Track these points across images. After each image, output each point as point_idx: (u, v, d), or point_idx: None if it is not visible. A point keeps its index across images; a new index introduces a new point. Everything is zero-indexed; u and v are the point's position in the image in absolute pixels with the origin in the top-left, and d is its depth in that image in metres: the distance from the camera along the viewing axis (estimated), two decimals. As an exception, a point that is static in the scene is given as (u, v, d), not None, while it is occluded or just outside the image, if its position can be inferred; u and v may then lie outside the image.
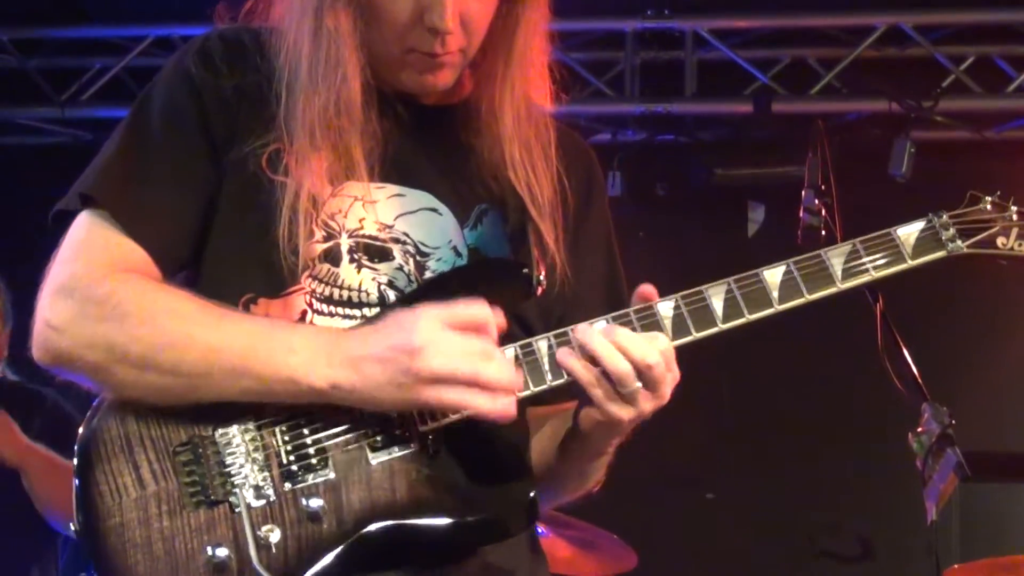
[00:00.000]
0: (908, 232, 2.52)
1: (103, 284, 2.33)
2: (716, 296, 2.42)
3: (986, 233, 2.56)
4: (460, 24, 2.43)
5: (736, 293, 2.42)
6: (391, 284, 2.47)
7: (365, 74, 2.45)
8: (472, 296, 2.35)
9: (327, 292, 2.45)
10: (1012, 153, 7.22)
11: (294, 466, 2.32)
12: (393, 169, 2.51)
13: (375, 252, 2.48)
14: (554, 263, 2.54)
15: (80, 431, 2.35)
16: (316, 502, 2.30)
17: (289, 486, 2.31)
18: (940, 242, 2.53)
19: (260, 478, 2.31)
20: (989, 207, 2.58)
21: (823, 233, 4.12)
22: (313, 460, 2.32)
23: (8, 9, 7.42)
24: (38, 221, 2.51)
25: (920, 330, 4.16)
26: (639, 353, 2.29)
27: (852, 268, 2.48)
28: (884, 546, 7.39)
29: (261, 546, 2.28)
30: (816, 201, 4.23)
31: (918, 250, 2.51)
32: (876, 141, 6.98)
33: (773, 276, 2.44)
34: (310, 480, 2.31)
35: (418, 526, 2.33)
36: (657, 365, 2.29)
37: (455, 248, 2.53)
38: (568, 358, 2.33)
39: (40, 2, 7.41)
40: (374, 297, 2.46)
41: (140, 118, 2.49)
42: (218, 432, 2.32)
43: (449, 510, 2.34)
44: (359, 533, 2.30)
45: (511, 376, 2.30)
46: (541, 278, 2.49)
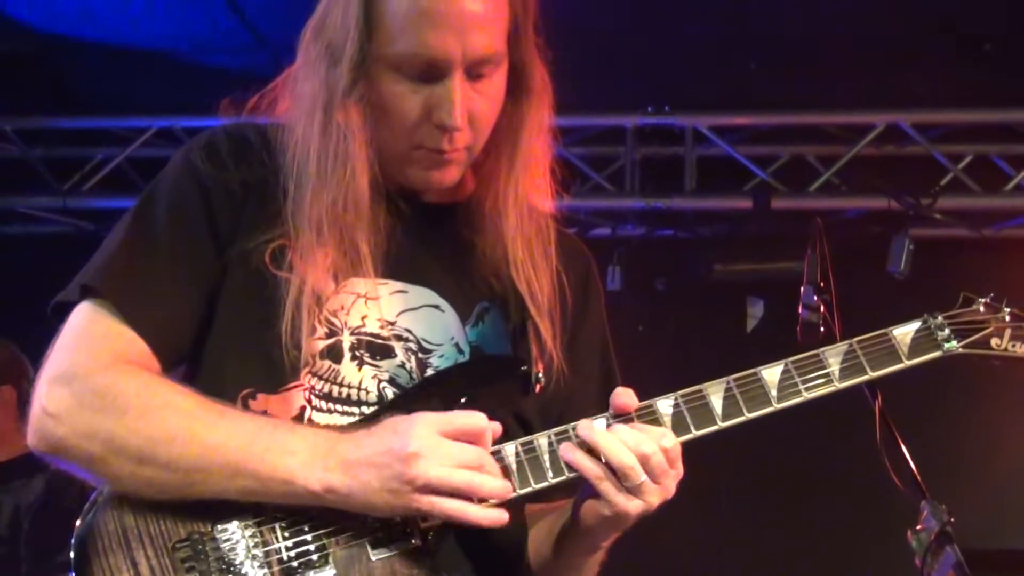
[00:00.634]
0: (904, 332, 2.56)
1: (104, 375, 2.33)
2: (715, 394, 2.44)
3: (980, 334, 2.61)
4: (467, 122, 2.46)
5: (735, 391, 2.45)
6: (392, 381, 2.48)
7: (373, 170, 2.47)
8: (471, 392, 2.37)
9: (327, 389, 2.45)
10: (1010, 251, 7.25)
11: (294, 563, 2.31)
12: (397, 266, 2.52)
13: (377, 349, 2.49)
14: (552, 360, 2.55)
15: (77, 524, 2.33)
16: (317, 599, 2.29)
17: (290, 583, 2.30)
18: (936, 342, 2.57)
19: (260, 575, 2.29)
20: (982, 308, 2.63)
21: (822, 329, 4.12)
22: (314, 557, 2.31)
23: (11, 99, 7.51)
24: (38, 310, 2.51)
25: (919, 427, 4.15)
26: (638, 445, 2.31)
27: (849, 368, 2.51)
28: (885, 644, 7.31)
29: (262, 642, 2.27)
30: (815, 298, 4.23)
31: (914, 350, 2.55)
32: (875, 238, 7.01)
33: (772, 375, 2.47)
34: (311, 577, 2.31)
35: (420, 622, 2.32)
36: (654, 454, 2.31)
37: (457, 345, 2.54)
38: (573, 453, 2.34)
39: (43, 92, 7.48)
40: (373, 396, 2.46)
41: (145, 212, 2.50)
42: (217, 528, 2.31)
43: (450, 606, 2.34)
44: (360, 629, 2.30)
45: (503, 486, 2.31)
46: (540, 375, 2.51)
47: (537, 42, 2.57)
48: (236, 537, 2.31)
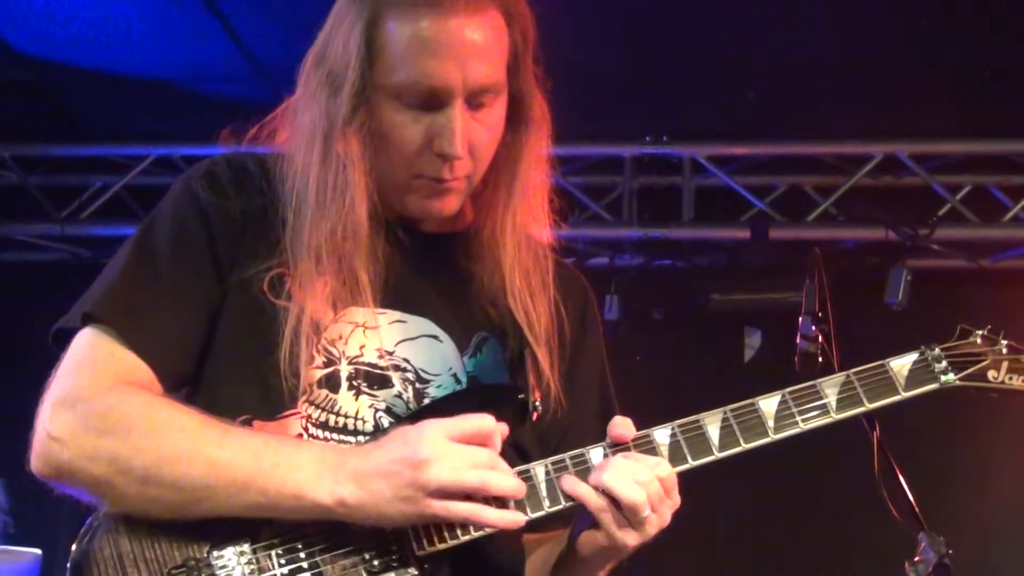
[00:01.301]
0: (901, 364, 2.57)
1: (107, 397, 2.34)
2: (712, 425, 2.45)
3: (977, 366, 2.63)
4: (468, 150, 2.46)
5: (732, 422, 2.46)
6: (389, 411, 2.48)
7: (372, 199, 2.48)
8: None
9: (323, 418, 2.46)
10: (1008, 282, 7.25)
11: (290, 589, 2.30)
12: (395, 295, 2.53)
13: (375, 379, 2.49)
14: (549, 389, 2.56)
15: (73, 551, 2.33)
16: (311, 626, 2.29)
17: (284, 610, 2.30)
18: (933, 374, 2.58)
19: None
20: (979, 340, 2.65)
21: (820, 359, 4.12)
22: None
23: (9, 126, 7.52)
24: (36, 336, 2.52)
25: (917, 459, 4.15)
26: (637, 476, 2.32)
27: (846, 399, 2.52)
28: (882, 677, 7.28)
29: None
30: (813, 328, 4.24)
31: (911, 382, 2.56)
32: (873, 269, 7.02)
33: (769, 406, 2.48)
34: (305, 604, 2.30)
35: (414, 651, 2.32)
36: (651, 483, 2.32)
37: (455, 375, 2.55)
38: (576, 486, 2.35)
39: (42, 119, 7.50)
40: (370, 425, 2.47)
41: (146, 239, 2.51)
42: (213, 554, 2.31)
43: (445, 636, 2.33)
44: (355, 657, 2.29)
45: (517, 484, 2.32)
46: (537, 404, 2.51)
47: (536, 72, 2.58)
48: (232, 563, 2.31)
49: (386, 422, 2.47)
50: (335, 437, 2.44)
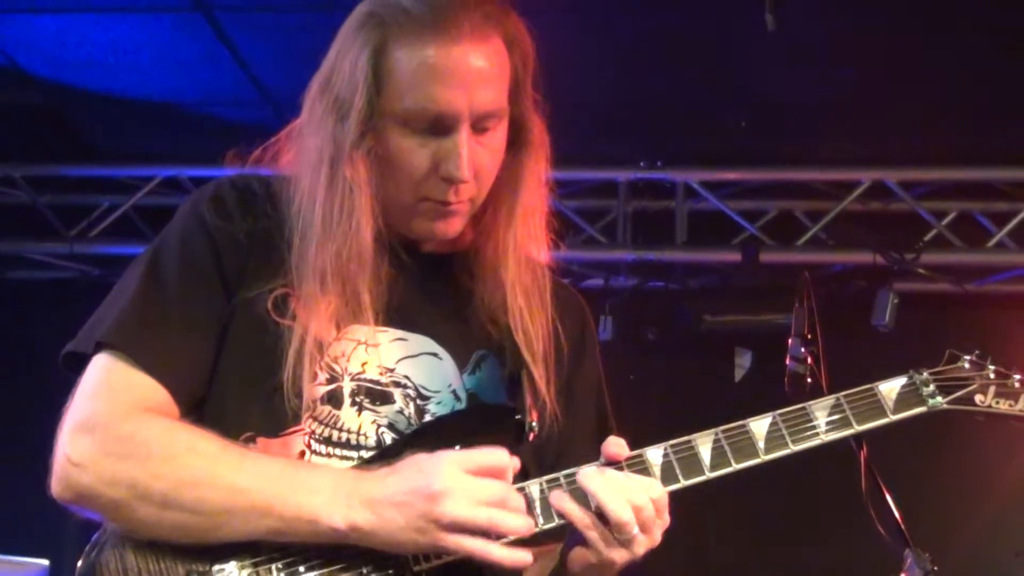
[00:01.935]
0: (890, 388, 2.61)
1: (126, 422, 2.35)
2: (704, 445, 2.48)
3: (965, 390, 2.66)
4: (472, 174, 2.49)
5: (724, 443, 2.49)
6: (391, 427, 2.51)
7: (377, 222, 2.50)
8: (466, 440, 2.39)
9: (326, 433, 2.48)
10: (992, 306, 7.28)
11: (290, 603, 2.33)
12: (397, 314, 2.56)
13: (377, 395, 2.52)
14: (545, 407, 2.58)
15: (79, 564, 2.36)
16: (309, 641, 2.31)
17: (283, 623, 2.32)
18: (921, 398, 2.62)
19: None
20: (967, 365, 2.68)
21: (809, 380, 4.16)
22: None
23: (21, 146, 7.57)
24: (46, 354, 2.55)
25: (903, 477, 4.19)
26: (635, 498, 2.35)
27: (836, 421, 2.56)
28: None
29: None
30: (802, 349, 4.27)
31: (899, 405, 2.60)
32: (860, 292, 7.06)
33: (759, 427, 2.52)
34: (303, 618, 2.33)
35: (411, 667, 2.34)
36: (646, 507, 2.35)
37: (455, 392, 2.57)
38: (562, 502, 2.38)
39: (52, 140, 7.52)
40: (372, 441, 2.49)
41: (156, 263, 2.52)
42: (215, 568, 2.33)
43: (441, 653, 2.36)
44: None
45: (526, 524, 2.34)
46: (534, 424, 2.54)
47: (535, 97, 2.61)
48: None
49: (388, 438, 2.50)
50: (338, 452, 2.47)
